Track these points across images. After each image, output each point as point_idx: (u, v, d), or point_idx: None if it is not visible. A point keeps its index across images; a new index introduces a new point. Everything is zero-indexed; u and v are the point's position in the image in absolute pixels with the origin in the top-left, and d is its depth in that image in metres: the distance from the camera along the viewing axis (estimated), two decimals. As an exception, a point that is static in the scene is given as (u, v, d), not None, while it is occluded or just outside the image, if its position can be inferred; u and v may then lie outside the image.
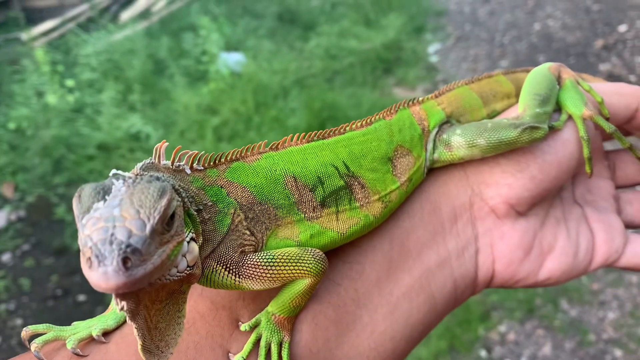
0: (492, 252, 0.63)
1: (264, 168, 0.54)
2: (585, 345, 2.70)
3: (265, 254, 0.51)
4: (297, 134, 0.58)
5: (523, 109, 0.64)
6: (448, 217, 0.62)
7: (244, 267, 0.50)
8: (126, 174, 0.44)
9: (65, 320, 3.42)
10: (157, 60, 5.76)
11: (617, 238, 0.69)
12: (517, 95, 0.70)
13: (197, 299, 0.55)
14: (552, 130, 0.63)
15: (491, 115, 0.71)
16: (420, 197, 0.62)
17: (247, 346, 0.51)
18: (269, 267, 0.50)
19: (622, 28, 5.87)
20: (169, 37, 6.28)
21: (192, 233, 0.47)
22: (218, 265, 0.50)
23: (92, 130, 4.67)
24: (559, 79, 0.68)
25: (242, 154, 0.56)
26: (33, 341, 0.51)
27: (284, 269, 0.50)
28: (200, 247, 0.49)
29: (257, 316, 0.53)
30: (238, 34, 6.44)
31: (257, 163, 0.55)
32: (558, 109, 0.67)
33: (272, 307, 0.52)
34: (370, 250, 0.59)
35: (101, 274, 0.37)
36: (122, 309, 0.42)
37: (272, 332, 0.51)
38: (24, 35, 6.49)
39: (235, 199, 0.53)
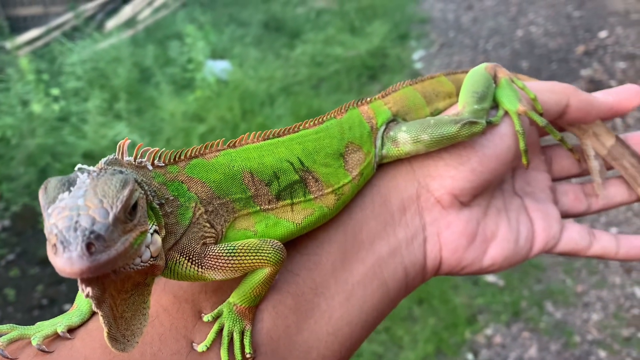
0: (439, 240, 0.67)
1: (222, 164, 0.57)
2: (570, 347, 2.74)
3: (226, 245, 0.54)
4: (254, 132, 0.61)
5: (462, 106, 0.68)
6: (397, 209, 0.66)
7: (206, 258, 0.53)
8: (91, 167, 0.45)
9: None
10: (142, 68, 5.75)
11: (554, 226, 0.75)
12: (458, 94, 0.75)
13: (160, 293, 0.57)
14: (490, 125, 0.68)
15: (434, 113, 0.76)
16: (372, 191, 0.66)
17: (211, 335, 0.53)
18: (230, 258, 0.53)
19: (603, 34, 5.97)
20: (155, 45, 6.28)
21: (155, 226, 0.49)
22: (181, 257, 0.52)
23: (78, 139, 4.64)
24: (495, 78, 0.73)
25: (201, 152, 0.58)
26: (10, 334, 0.52)
27: (245, 259, 0.53)
28: (164, 240, 0.51)
29: (219, 307, 0.55)
30: (224, 42, 6.45)
31: (216, 160, 0.58)
32: (495, 105, 0.72)
33: (233, 298, 0.55)
34: (326, 242, 0.62)
35: (66, 259, 0.38)
36: (87, 295, 0.43)
37: (234, 322, 0.53)
38: (8, 44, 6.44)
39: (196, 194, 0.55)
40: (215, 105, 4.93)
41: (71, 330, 0.54)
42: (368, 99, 0.71)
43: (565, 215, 0.81)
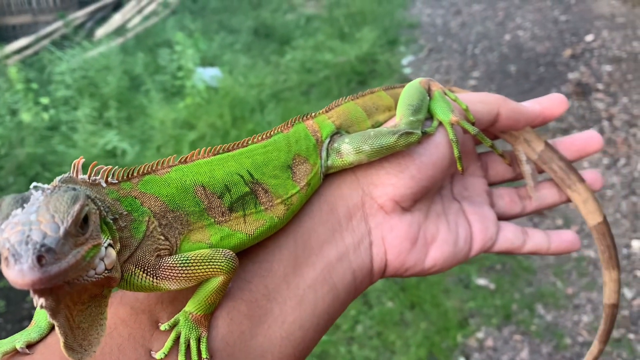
0: (384, 244, 0.70)
1: (174, 179, 0.60)
2: (561, 349, 2.76)
3: (179, 256, 0.56)
4: (204, 148, 0.64)
5: (399, 118, 0.73)
6: (344, 216, 0.69)
7: (160, 269, 0.55)
8: (45, 185, 0.47)
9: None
10: (132, 76, 5.74)
11: (491, 227, 0.80)
12: (388, 110, 0.82)
13: (117, 306, 0.58)
14: (426, 135, 0.73)
15: (375, 126, 0.80)
16: (319, 200, 0.70)
17: (168, 343, 0.55)
18: (184, 268, 0.55)
19: (589, 38, 6.03)
20: (145, 53, 6.28)
21: (110, 240, 0.51)
22: (136, 269, 0.54)
23: (68, 148, 4.63)
24: (429, 91, 0.78)
25: (153, 168, 0.61)
26: None
27: (198, 269, 0.55)
28: (119, 253, 0.53)
29: (175, 316, 0.57)
30: (214, 49, 6.46)
31: (168, 175, 0.60)
32: (430, 117, 0.76)
33: (189, 307, 0.57)
34: (277, 249, 0.65)
35: (17, 271, 0.40)
36: (41, 306, 0.44)
37: (191, 329, 0.56)
38: (-3, 53, 6.42)
39: (149, 208, 0.57)
40: (205, 113, 4.93)
41: (30, 345, 0.55)
42: (312, 113, 0.76)
43: (501, 217, 0.86)
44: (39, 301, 0.44)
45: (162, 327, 0.56)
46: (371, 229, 0.71)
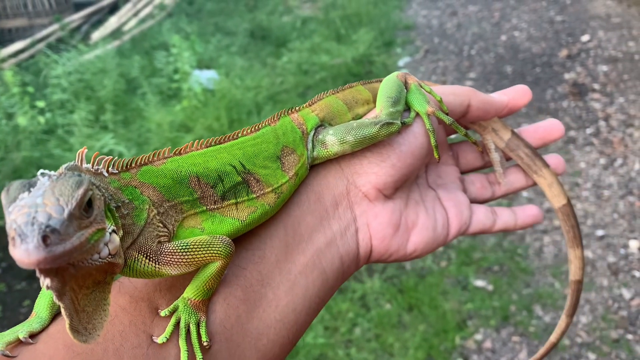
0: (369, 230, 0.75)
1: (170, 170, 0.63)
2: (559, 350, 2.76)
3: (180, 242, 0.59)
4: (198, 140, 0.67)
5: (380, 110, 0.77)
6: (330, 204, 0.73)
7: (162, 255, 0.57)
8: (52, 172, 0.49)
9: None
10: (129, 79, 5.73)
11: (465, 212, 0.85)
12: (374, 101, 0.85)
13: (117, 295, 0.61)
14: (405, 125, 0.77)
15: (355, 118, 0.85)
16: (306, 190, 0.74)
17: (169, 328, 0.57)
18: (184, 253, 0.58)
19: (585, 38, 6.05)
20: (141, 56, 6.27)
21: (113, 226, 0.53)
22: (139, 255, 0.57)
23: (64, 151, 4.61)
24: (406, 84, 0.82)
25: (150, 159, 0.63)
26: None
27: (198, 254, 0.58)
28: (122, 239, 0.55)
29: (174, 302, 0.60)
30: (210, 52, 6.45)
31: (164, 166, 0.63)
32: (408, 108, 0.81)
33: (187, 293, 0.59)
34: (269, 237, 0.69)
35: (23, 250, 0.42)
36: (47, 287, 0.46)
37: (190, 314, 0.58)
38: (-8, 57, 6.40)
39: (148, 197, 0.60)
40: (202, 115, 4.92)
41: (33, 335, 0.57)
42: (297, 107, 0.80)
43: (473, 201, 0.91)
44: (44, 281, 0.46)
45: (162, 313, 0.58)
46: (356, 216, 0.75)
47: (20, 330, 0.56)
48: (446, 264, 3.32)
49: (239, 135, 0.71)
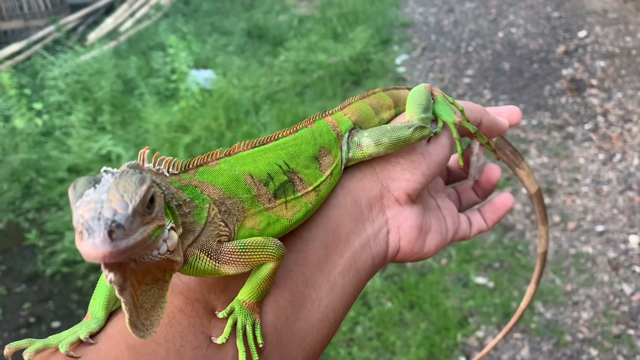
0: (399, 232, 0.79)
1: (225, 170, 0.65)
2: (561, 346, 2.76)
3: (238, 242, 0.61)
4: (243, 141, 0.70)
5: (411, 115, 0.81)
6: (366, 207, 0.77)
7: (222, 254, 0.60)
8: (115, 169, 0.51)
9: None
10: (126, 80, 5.72)
11: (456, 219, 0.91)
12: (396, 106, 0.92)
13: (171, 295, 0.62)
14: (435, 135, 0.82)
15: (381, 123, 0.89)
16: (343, 192, 0.78)
17: (227, 329, 0.59)
18: (242, 253, 0.60)
19: (582, 34, 6.05)
20: (138, 57, 6.25)
21: (172, 223, 0.55)
22: (201, 253, 0.59)
23: (62, 153, 4.60)
24: (432, 96, 0.86)
25: (205, 160, 0.66)
26: (24, 352, 0.56)
27: (254, 254, 0.60)
28: (183, 237, 0.57)
29: (230, 304, 0.62)
30: (207, 51, 6.44)
31: (218, 166, 0.65)
32: (435, 119, 0.84)
33: (242, 295, 0.62)
34: (311, 240, 0.72)
35: (90, 244, 0.44)
36: (110, 281, 0.48)
37: (246, 316, 0.60)
38: (-12, 59, 6.39)
39: (209, 195, 0.62)
40: (200, 115, 4.91)
41: (92, 336, 0.58)
42: (330, 111, 0.83)
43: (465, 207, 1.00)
44: (108, 275, 0.48)
45: (220, 314, 0.61)
46: (388, 219, 0.79)
47: (80, 331, 0.57)
48: (447, 262, 3.31)
49: (279, 136, 0.74)
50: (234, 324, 0.60)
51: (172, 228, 0.54)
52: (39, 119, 5.06)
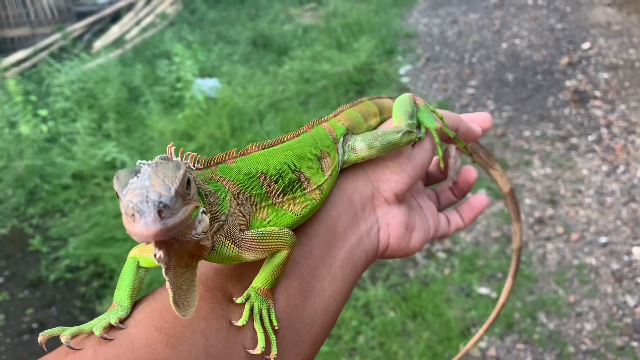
0: (388, 230, 0.86)
1: (241, 167, 0.72)
2: (564, 358, 2.75)
3: (256, 231, 0.67)
4: (255, 143, 0.76)
5: (398, 121, 0.89)
6: (359, 206, 0.84)
7: (243, 241, 0.66)
8: (149, 161, 0.56)
9: (41, 354, 3.33)
10: (131, 87, 5.75)
11: (436, 218, 0.98)
12: (381, 114, 0.99)
13: None
14: (419, 140, 0.89)
15: (369, 129, 0.97)
16: (339, 192, 0.85)
17: (246, 313, 0.64)
18: (261, 241, 0.66)
19: (585, 45, 6.07)
20: (143, 65, 6.29)
21: (203, 208, 0.60)
22: (226, 240, 0.64)
23: (67, 160, 4.62)
24: (415, 104, 0.94)
25: (223, 158, 0.72)
26: (61, 335, 0.60)
27: (271, 242, 0.67)
28: (210, 224, 0.62)
29: (246, 291, 0.67)
30: (212, 60, 6.48)
31: (235, 164, 0.72)
32: (418, 125, 0.92)
33: (256, 283, 0.67)
34: (314, 235, 0.78)
35: (143, 225, 0.49)
36: (158, 259, 0.54)
37: (261, 302, 0.66)
38: (-5, 66, 6.43)
39: (229, 189, 0.68)
40: (204, 123, 4.93)
41: (121, 322, 0.62)
42: (325, 117, 0.90)
43: (445, 206, 1.07)
44: (158, 253, 0.53)
45: (238, 300, 0.65)
46: (379, 217, 0.85)
47: (111, 317, 0.61)
48: (449, 272, 3.31)
49: (285, 139, 0.81)
50: (251, 309, 0.65)
51: (203, 211, 0.59)
52: (44, 125, 5.09)
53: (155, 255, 0.54)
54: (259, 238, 0.66)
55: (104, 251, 3.70)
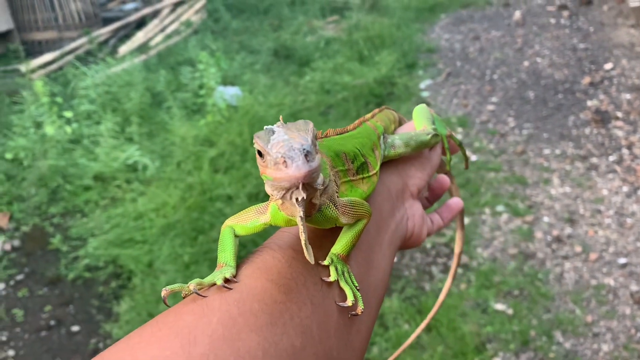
0: (414, 220, 0.94)
1: (329, 146, 0.79)
2: (579, 378, 2.72)
3: (347, 198, 0.74)
4: (331, 129, 0.84)
5: (424, 126, 0.99)
6: (395, 196, 0.93)
7: (340, 205, 0.72)
8: (275, 124, 0.63)
9: (57, 351, 3.34)
10: (154, 93, 5.84)
11: (425, 217, 1.04)
12: (394, 122, 1.08)
13: (284, 247, 0.75)
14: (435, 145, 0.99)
15: (392, 132, 1.07)
16: (381, 182, 0.93)
17: (333, 271, 0.71)
18: (353, 206, 0.73)
19: (608, 66, 6.04)
20: (167, 71, 6.38)
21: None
22: (330, 202, 0.71)
23: (89, 161, 4.70)
24: None
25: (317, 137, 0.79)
26: (188, 284, 0.65)
27: (359, 209, 0.73)
28: None
29: (329, 255, 0.73)
30: (234, 69, 6.55)
31: (324, 143, 0.80)
32: None
33: (335, 249, 0.73)
34: None
35: (295, 167, 0.56)
36: (301, 201, 0.61)
37: (342, 265, 0.72)
38: (24, 67, 6.57)
39: (326, 160, 0.76)
40: (225, 130, 4.99)
41: (227, 281, 0.67)
42: (365, 117, 0.99)
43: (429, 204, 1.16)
44: (302, 194, 0.60)
45: (326, 262, 0.71)
46: (407, 209, 0.95)
47: (224, 272, 0.66)
48: (466, 287, 3.30)
49: (347, 130, 0.89)
50: (336, 270, 0.71)
51: None
52: (68, 126, 5.18)
53: (297, 199, 0.61)
54: (351, 205, 0.73)
55: (122, 252, 3.74)
